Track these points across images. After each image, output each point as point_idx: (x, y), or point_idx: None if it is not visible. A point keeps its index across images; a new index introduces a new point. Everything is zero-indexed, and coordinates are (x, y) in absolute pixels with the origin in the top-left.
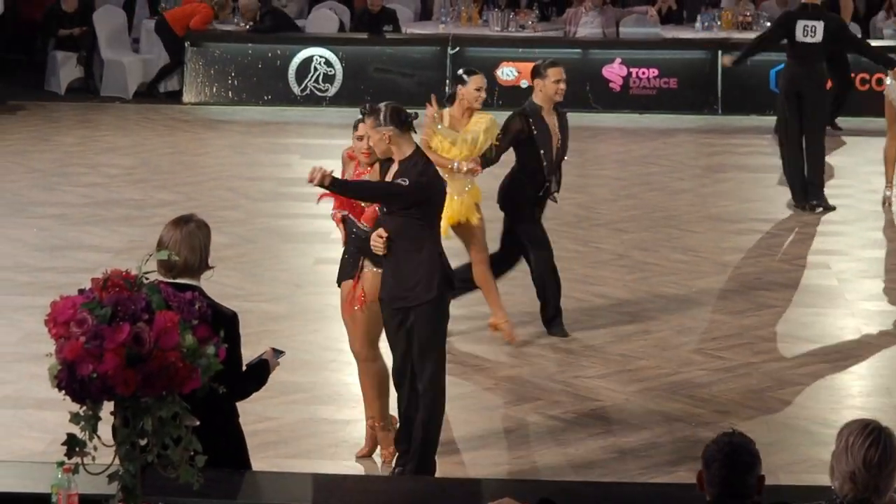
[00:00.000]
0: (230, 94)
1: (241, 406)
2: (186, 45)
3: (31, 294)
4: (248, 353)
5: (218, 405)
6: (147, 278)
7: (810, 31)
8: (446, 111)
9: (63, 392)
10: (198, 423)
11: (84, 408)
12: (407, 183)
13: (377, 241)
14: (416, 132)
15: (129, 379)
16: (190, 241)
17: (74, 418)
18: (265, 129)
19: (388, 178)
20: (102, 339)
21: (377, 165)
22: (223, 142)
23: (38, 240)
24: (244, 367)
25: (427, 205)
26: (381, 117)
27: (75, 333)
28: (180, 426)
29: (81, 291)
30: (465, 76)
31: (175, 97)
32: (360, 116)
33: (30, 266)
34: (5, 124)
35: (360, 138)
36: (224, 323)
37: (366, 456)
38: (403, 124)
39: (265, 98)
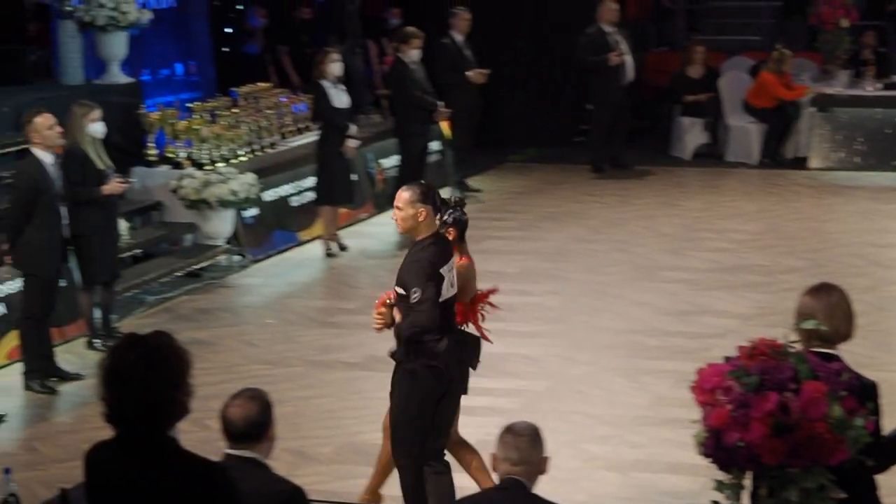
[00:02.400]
0: (857, 159)
1: (880, 479)
2: (812, 110)
3: (660, 358)
4: (886, 424)
5: (857, 477)
6: (792, 347)
7: None
8: None
9: (709, 459)
10: (844, 496)
11: (729, 476)
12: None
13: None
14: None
15: (775, 448)
16: (842, 310)
17: (719, 486)
18: (894, 195)
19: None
20: (749, 408)
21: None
22: (850, 208)
23: (666, 304)
24: (883, 439)
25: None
26: (424, 195)
27: (722, 401)
28: (826, 499)
29: (728, 359)
30: None
31: (800, 163)
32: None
33: (659, 330)
34: (633, 189)
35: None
36: (867, 393)
37: None
38: (438, 208)
39: (894, 163)
